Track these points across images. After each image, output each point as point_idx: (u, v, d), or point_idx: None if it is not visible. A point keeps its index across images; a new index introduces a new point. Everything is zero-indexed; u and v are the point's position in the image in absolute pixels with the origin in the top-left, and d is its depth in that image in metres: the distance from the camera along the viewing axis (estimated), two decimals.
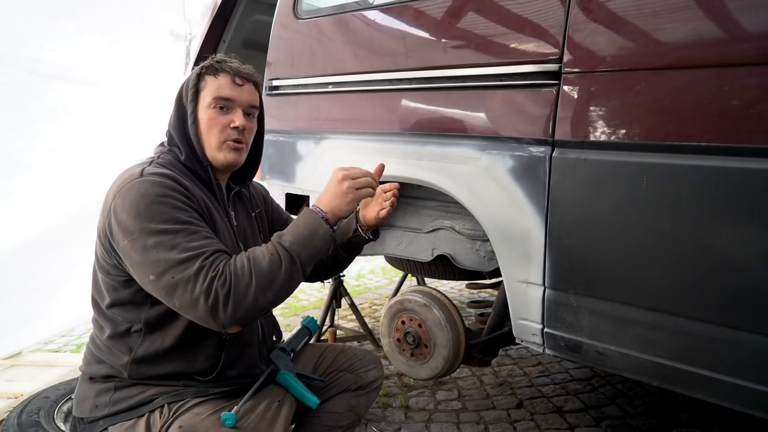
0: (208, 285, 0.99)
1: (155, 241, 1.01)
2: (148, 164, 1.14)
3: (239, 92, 1.20)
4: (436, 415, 2.12)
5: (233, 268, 1.03)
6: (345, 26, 1.93)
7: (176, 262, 1.00)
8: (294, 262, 1.08)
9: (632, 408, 2.15)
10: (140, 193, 1.04)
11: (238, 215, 1.31)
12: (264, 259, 1.06)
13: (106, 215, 1.08)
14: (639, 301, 1.23)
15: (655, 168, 1.17)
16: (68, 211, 2.54)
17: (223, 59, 1.23)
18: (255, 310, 1.04)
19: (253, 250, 1.08)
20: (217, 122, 1.18)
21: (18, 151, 2.33)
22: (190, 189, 1.12)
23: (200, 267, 1.00)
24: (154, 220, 1.02)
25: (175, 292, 1.00)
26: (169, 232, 1.02)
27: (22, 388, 2.17)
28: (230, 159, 1.20)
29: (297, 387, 1.20)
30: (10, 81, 2.23)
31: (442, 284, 3.83)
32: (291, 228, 1.14)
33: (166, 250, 1.01)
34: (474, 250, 1.84)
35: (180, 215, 1.05)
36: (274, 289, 1.05)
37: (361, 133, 1.87)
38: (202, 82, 1.20)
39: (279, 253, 1.07)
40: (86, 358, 1.20)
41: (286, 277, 1.06)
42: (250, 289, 1.02)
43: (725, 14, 1.11)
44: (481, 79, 1.49)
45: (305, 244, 1.11)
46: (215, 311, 0.99)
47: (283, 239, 1.10)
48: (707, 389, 1.15)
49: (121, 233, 1.04)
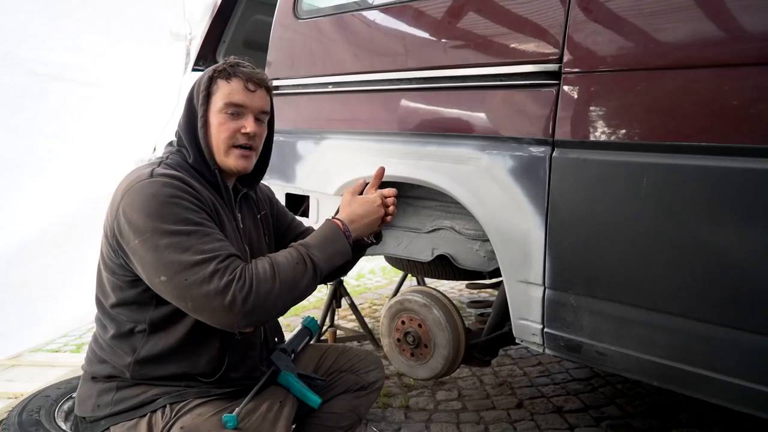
0: (225, 287, 0.99)
1: (168, 242, 1.01)
2: (157, 165, 1.14)
3: (251, 98, 1.20)
4: (436, 415, 2.12)
5: (254, 272, 1.04)
6: (345, 26, 1.93)
7: (190, 264, 1.00)
8: (316, 275, 1.13)
9: (632, 408, 2.15)
10: (151, 193, 1.04)
11: (244, 217, 1.31)
12: (290, 267, 1.09)
13: (114, 214, 1.07)
14: (639, 301, 1.23)
15: (655, 168, 1.17)
16: (69, 211, 2.54)
17: (236, 63, 1.21)
18: (273, 313, 1.08)
19: (275, 256, 1.11)
20: (227, 127, 1.18)
21: (18, 151, 2.33)
22: (199, 191, 1.11)
23: (215, 270, 1.00)
24: (167, 220, 1.02)
25: (188, 294, 1.00)
26: (182, 233, 1.02)
27: (23, 388, 2.17)
28: (239, 166, 1.21)
29: (299, 387, 1.20)
30: (10, 81, 2.23)
31: (442, 284, 3.83)
32: (319, 241, 1.18)
33: (179, 252, 1.00)
34: (474, 250, 1.84)
35: (192, 216, 1.05)
36: (294, 295, 1.10)
37: (361, 133, 1.87)
38: (214, 85, 1.18)
39: (306, 264, 1.11)
40: (89, 358, 1.20)
41: (306, 286, 1.11)
42: (272, 294, 1.04)
43: (725, 14, 1.12)
44: (481, 79, 1.49)
45: (329, 260, 1.17)
46: (232, 311, 1.00)
47: (312, 252, 1.14)
48: (707, 389, 1.15)
49: (131, 233, 1.03)
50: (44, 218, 2.46)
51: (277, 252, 1.14)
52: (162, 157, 1.20)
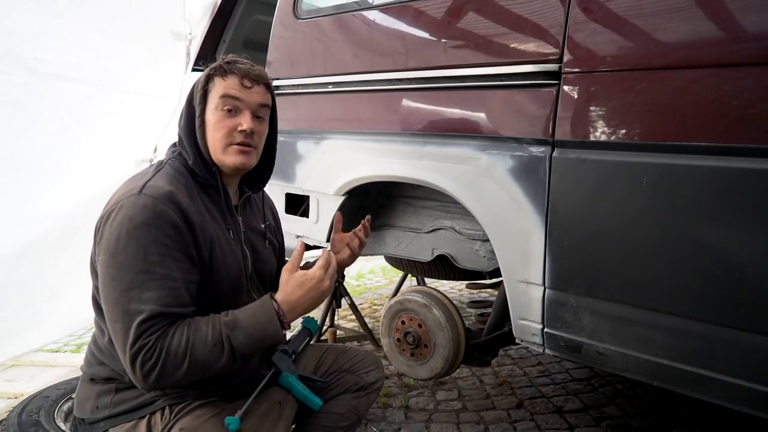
0: (135, 353, 0.98)
1: (115, 274, 1.01)
2: (153, 173, 1.12)
3: (247, 94, 1.16)
4: (436, 415, 2.12)
5: (167, 345, 0.99)
6: (345, 26, 1.93)
7: (121, 309, 1.00)
8: (235, 358, 1.04)
9: (632, 408, 2.15)
10: (129, 215, 1.03)
11: (247, 220, 1.30)
12: (205, 348, 1.01)
13: (99, 219, 1.08)
14: (639, 301, 1.23)
15: (655, 168, 1.17)
16: (69, 211, 2.54)
17: (233, 60, 1.19)
18: (182, 384, 1.06)
19: (196, 330, 1.02)
20: (224, 125, 1.15)
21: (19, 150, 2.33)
22: (185, 209, 1.08)
23: (136, 329, 0.98)
24: (125, 250, 1.01)
25: (115, 338, 1.02)
26: (131, 270, 1.01)
27: (22, 388, 2.17)
28: (237, 162, 1.16)
29: (300, 389, 1.20)
30: (11, 80, 2.23)
31: (442, 284, 3.83)
32: (249, 323, 1.06)
33: (119, 290, 1.01)
34: (474, 250, 1.84)
35: (151, 253, 1.02)
36: (207, 374, 1.04)
37: (362, 133, 1.87)
38: (210, 83, 1.17)
39: (224, 348, 1.03)
40: (87, 359, 1.20)
41: (222, 367, 1.04)
42: (179, 372, 0.99)
43: (725, 14, 1.12)
44: (482, 79, 1.49)
45: (254, 344, 1.07)
46: (134, 375, 0.99)
47: (235, 334, 1.04)
48: (707, 389, 1.15)
49: (102, 246, 1.04)
50: (44, 218, 2.46)
51: (202, 322, 1.04)
52: (163, 160, 1.19)
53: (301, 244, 1.20)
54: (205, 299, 1.12)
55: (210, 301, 1.13)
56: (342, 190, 1.90)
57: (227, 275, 1.16)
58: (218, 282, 1.14)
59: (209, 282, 1.13)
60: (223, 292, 1.15)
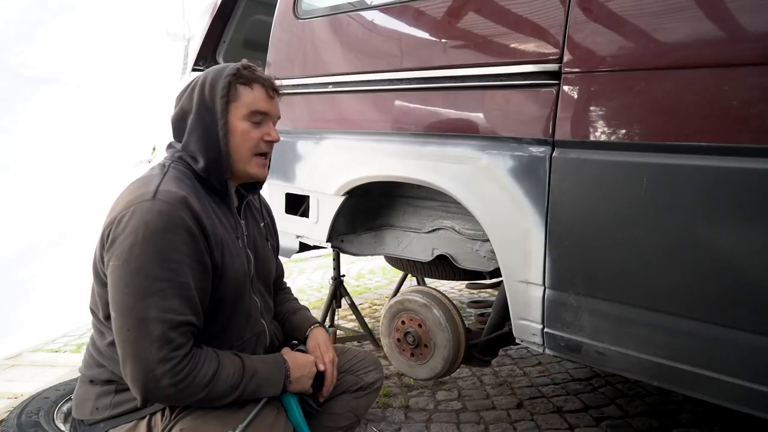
0: (163, 363, 0.98)
1: (129, 280, 1.00)
2: (161, 177, 1.10)
3: (273, 105, 1.21)
4: (436, 415, 2.12)
5: (195, 372, 1.02)
6: (345, 26, 1.92)
7: (136, 316, 0.99)
8: (238, 400, 1.10)
9: (632, 408, 2.15)
10: (145, 220, 1.01)
11: (248, 223, 1.31)
12: (223, 387, 1.06)
13: (108, 224, 1.05)
14: (639, 301, 1.23)
15: (655, 168, 1.17)
16: (69, 211, 2.54)
17: (249, 66, 1.19)
18: (182, 404, 1.07)
19: (222, 368, 1.07)
20: (252, 136, 1.18)
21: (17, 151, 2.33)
22: (200, 216, 1.08)
23: (161, 339, 0.98)
24: (141, 256, 1.00)
25: (124, 344, 1.00)
26: (147, 277, 1.00)
27: (22, 388, 2.17)
28: (261, 175, 1.23)
29: (296, 415, 1.19)
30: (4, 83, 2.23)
31: (442, 284, 3.83)
32: (261, 377, 1.13)
33: (134, 297, 0.99)
34: (474, 250, 1.84)
35: (168, 261, 1.01)
36: (210, 405, 1.07)
37: (362, 133, 1.87)
38: (234, 91, 1.16)
39: (237, 390, 1.08)
40: (86, 361, 1.19)
41: (226, 402, 1.08)
42: (193, 397, 1.04)
43: (725, 14, 1.11)
44: (481, 79, 1.49)
45: (255, 392, 1.12)
46: (158, 384, 0.99)
47: (249, 384, 1.10)
48: (707, 389, 1.15)
49: (115, 251, 1.02)
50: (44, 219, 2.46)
51: (227, 360, 1.10)
52: (165, 163, 1.17)
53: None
54: (213, 302, 1.12)
55: (216, 304, 1.13)
56: (342, 190, 1.90)
57: (234, 278, 1.17)
58: (226, 285, 1.15)
59: (218, 286, 1.13)
60: (229, 296, 1.16)
